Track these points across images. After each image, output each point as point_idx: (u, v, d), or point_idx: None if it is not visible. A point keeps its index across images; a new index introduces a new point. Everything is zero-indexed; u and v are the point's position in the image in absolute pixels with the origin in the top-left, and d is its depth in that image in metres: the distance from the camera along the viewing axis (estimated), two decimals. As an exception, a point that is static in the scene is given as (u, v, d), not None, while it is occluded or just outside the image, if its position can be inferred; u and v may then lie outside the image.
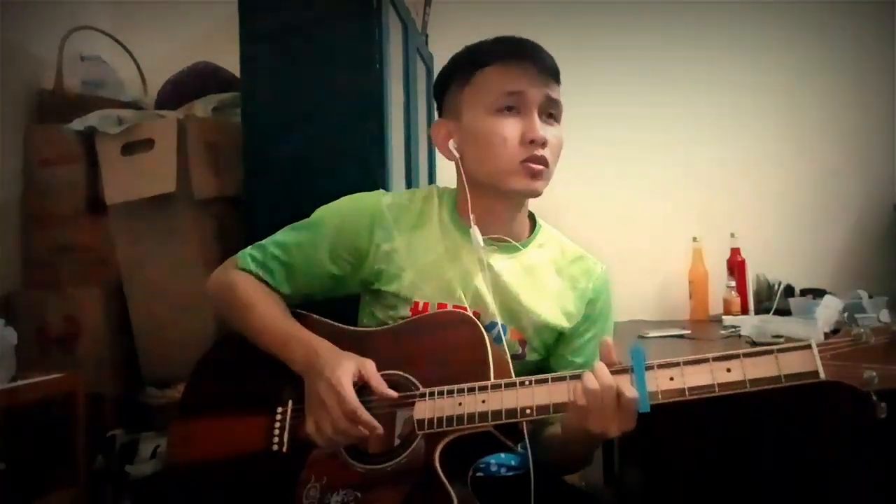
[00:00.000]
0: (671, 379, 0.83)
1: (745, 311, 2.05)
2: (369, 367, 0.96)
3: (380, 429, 0.91)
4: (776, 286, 2.04)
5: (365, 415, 0.91)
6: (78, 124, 1.73)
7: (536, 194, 1.06)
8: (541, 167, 1.03)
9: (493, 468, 1.12)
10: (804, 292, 2.03)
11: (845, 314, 1.55)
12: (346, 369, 0.93)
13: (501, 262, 1.08)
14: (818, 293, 1.92)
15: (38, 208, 1.85)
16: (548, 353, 1.12)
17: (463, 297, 1.05)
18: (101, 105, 1.82)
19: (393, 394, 0.94)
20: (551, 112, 1.06)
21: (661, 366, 0.84)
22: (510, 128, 1.02)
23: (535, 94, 1.03)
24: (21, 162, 1.87)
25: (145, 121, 1.75)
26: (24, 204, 1.87)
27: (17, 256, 1.86)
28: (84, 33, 2.05)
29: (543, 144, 1.02)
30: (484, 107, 1.04)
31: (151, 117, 1.78)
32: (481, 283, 1.06)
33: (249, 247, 1.14)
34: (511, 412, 0.87)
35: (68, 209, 1.81)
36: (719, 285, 2.13)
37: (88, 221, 1.80)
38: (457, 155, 1.08)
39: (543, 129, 1.03)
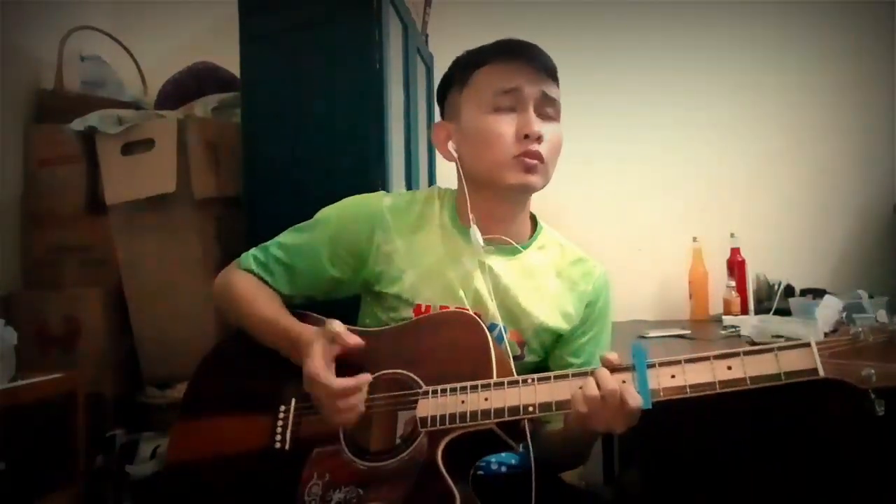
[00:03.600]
0: (672, 377, 0.84)
1: (745, 311, 2.05)
2: (336, 327, 0.97)
3: (368, 378, 0.94)
4: (776, 286, 2.04)
5: (350, 382, 0.93)
6: (78, 124, 1.73)
7: (532, 189, 1.06)
8: (535, 162, 1.03)
9: (494, 467, 1.12)
10: (804, 292, 2.02)
11: (845, 314, 1.55)
12: (317, 352, 0.95)
13: (501, 264, 1.08)
14: (818, 293, 1.92)
15: (38, 208, 1.85)
16: (546, 354, 1.12)
17: (464, 298, 1.05)
18: (101, 105, 1.82)
19: (359, 341, 0.96)
20: (548, 110, 1.06)
21: (662, 363, 0.85)
22: (506, 124, 1.03)
23: (531, 91, 1.04)
24: (21, 162, 1.87)
25: (145, 121, 1.75)
26: (24, 204, 1.87)
27: (17, 256, 1.87)
28: (84, 33, 2.05)
29: (539, 139, 1.03)
30: (481, 105, 1.05)
31: (151, 117, 1.78)
32: (482, 284, 1.06)
33: (253, 248, 1.15)
34: (514, 410, 0.88)
35: (68, 209, 1.81)
36: (719, 285, 2.13)
37: (88, 221, 1.80)
38: (455, 156, 1.09)
39: (539, 125, 1.03)
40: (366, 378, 0.94)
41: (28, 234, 1.86)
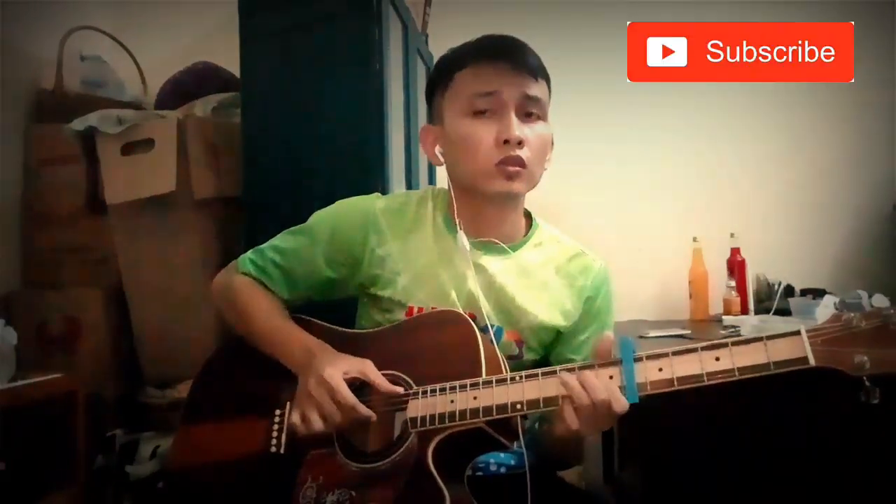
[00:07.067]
0: (660, 370, 0.83)
1: (745, 311, 2.05)
2: (369, 367, 0.96)
3: (373, 416, 0.93)
4: (776, 286, 2.04)
5: (360, 406, 0.92)
6: (78, 124, 1.73)
7: (515, 195, 1.05)
8: (516, 168, 1.01)
9: (493, 468, 1.12)
10: (804, 292, 2.02)
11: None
12: (338, 367, 0.95)
13: (496, 264, 1.08)
14: (818, 293, 1.92)
15: (38, 208, 1.86)
16: (546, 351, 1.12)
17: (456, 300, 1.05)
18: (101, 105, 1.82)
19: (398, 390, 0.94)
20: (531, 111, 1.03)
21: (649, 357, 0.84)
22: (484, 130, 1.01)
23: (511, 93, 1.01)
24: (21, 162, 1.88)
25: (145, 121, 1.75)
26: (24, 204, 1.88)
27: (17, 256, 1.87)
28: (84, 33, 2.05)
29: (520, 144, 1.00)
30: (460, 110, 1.03)
31: (151, 117, 1.79)
32: (475, 285, 1.06)
33: (250, 251, 1.15)
34: (502, 408, 0.88)
35: (68, 209, 1.82)
36: (719, 285, 2.13)
37: (88, 221, 1.80)
38: (442, 160, 1.08)
39: (520, 129, 1.01)
40: (368, 413, 0.93)
41: (28, 234, 1.87)
